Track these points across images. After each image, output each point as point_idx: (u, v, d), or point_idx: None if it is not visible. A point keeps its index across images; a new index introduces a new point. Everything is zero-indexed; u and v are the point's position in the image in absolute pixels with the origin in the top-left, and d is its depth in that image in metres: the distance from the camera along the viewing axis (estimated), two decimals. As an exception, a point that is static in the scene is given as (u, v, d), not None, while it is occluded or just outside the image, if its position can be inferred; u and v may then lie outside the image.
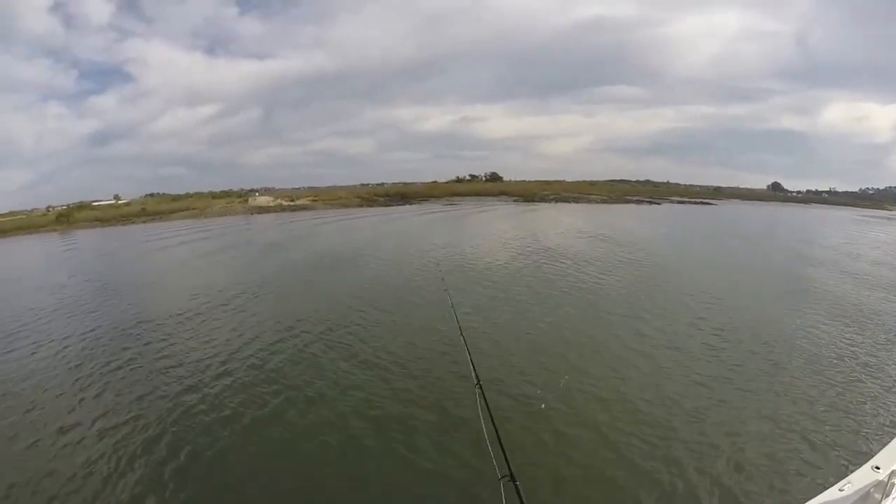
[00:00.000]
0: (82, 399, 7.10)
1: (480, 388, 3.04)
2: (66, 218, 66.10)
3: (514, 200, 56.35)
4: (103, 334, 10.16)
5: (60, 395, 7.31)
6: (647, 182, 71.64)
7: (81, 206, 75.43)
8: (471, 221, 37.28)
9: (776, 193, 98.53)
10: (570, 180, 64.77)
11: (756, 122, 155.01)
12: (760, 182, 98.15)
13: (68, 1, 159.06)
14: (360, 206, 52.09)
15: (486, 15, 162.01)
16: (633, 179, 71.00)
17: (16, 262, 27.89)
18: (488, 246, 21.08)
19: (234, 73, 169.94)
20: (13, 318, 12.07)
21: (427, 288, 12.52)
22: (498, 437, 2.47)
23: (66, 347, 9.44)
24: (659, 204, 70.00)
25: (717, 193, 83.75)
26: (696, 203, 74.28)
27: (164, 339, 9.50)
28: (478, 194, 56.77)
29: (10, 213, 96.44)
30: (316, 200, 53.54)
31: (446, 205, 53.39)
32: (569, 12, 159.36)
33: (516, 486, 2.08)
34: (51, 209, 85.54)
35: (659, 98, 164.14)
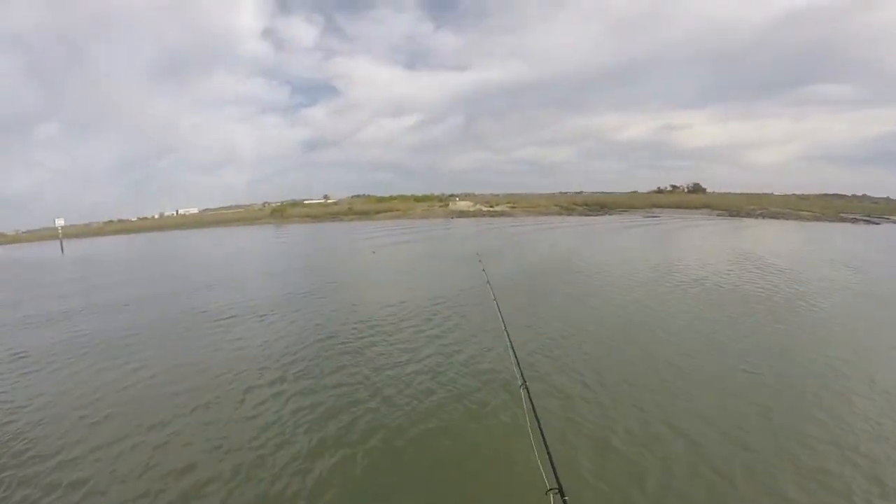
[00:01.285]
0: (284, 375, 7.16)
1: (526, 389, 2.72)
2: (280, 213, 78.83)
3: (718, 214, 53.49)
4: (315, 316, 10.72)
5: (264, 366, 7.60)
6: (865, 197, 62.56)
7: (294, 204, 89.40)
8: (672, 240, 32.64)
9: None
10: (777, 193, 59.22)
11: None
12: None
13: (278, 27, 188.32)
14: (559, 214, 53.72)
15: (679, 15, 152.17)
16: (849, 194, 62.50)
17: (242, 248, 34.80)
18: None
19: (434, 84, 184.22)
20: (248, 296, 13.63)
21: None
22: (546, 445, 2.26)
23: (282, 325, 10.11)
24: (878, 224, 61.19)
25: (952, 213, 69.68)
26: (924, 224, 63.18)
27: (368, 332, 9.32)
28: (679, 206, 54.91)
29: (233, 207, 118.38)
30: (515, 207, 56.48)
31: (646, 216, 52.66)
32: (770, 5, 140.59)
33: (564, 501, 1.92)
34: (266, 204, 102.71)
35: (877, 97, 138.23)
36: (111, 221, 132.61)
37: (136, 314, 12.12)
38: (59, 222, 52.26)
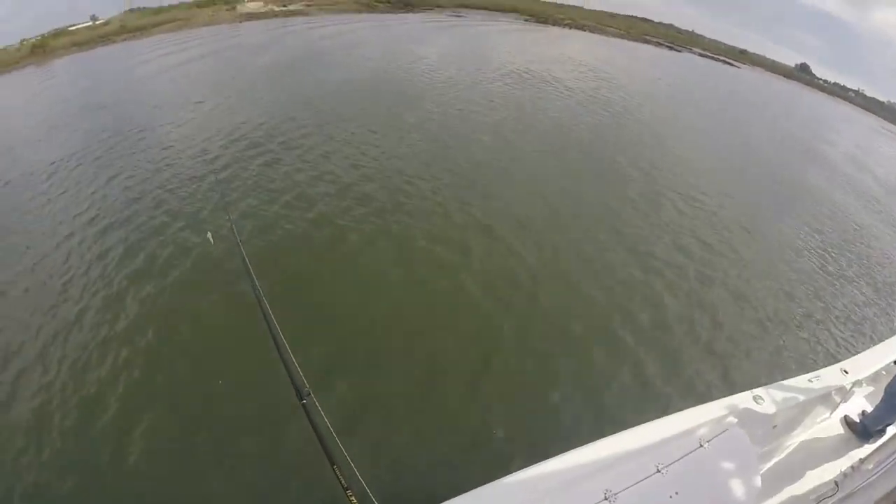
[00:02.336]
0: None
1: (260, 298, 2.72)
2: (42, 48, 61.26)
3: (525, 20, 51.98)
4: (94, 151, 10.38)
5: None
6: (671, 27, 66.06)
7: (57, 34, 70.00)
8: (469, 34, 33.64)
9: (802, 75, 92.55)
10: (588, 8, 59.48)
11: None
12: (790, 59, 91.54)
13: None
14: (359, 11, 47.92)
15: None
16: (657, 20, 65.38)
17: None
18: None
19: None
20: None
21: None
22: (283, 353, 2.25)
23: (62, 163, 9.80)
24: (679, 52, 65.56)
25: (742, 57, 78.19)
26: (718, 61, 69.61)
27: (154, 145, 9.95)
28: (486, 8, 52.18)
29: None
30: (310, 5, 49.14)
31: (451, 15, 49.38)
32: None
33: (303, 404, 2.03)
34: (25, 42, 79.71)
35: None
36: None
37: None
38: None
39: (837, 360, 3.08)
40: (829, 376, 2.80)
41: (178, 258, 6.16)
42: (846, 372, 2.86)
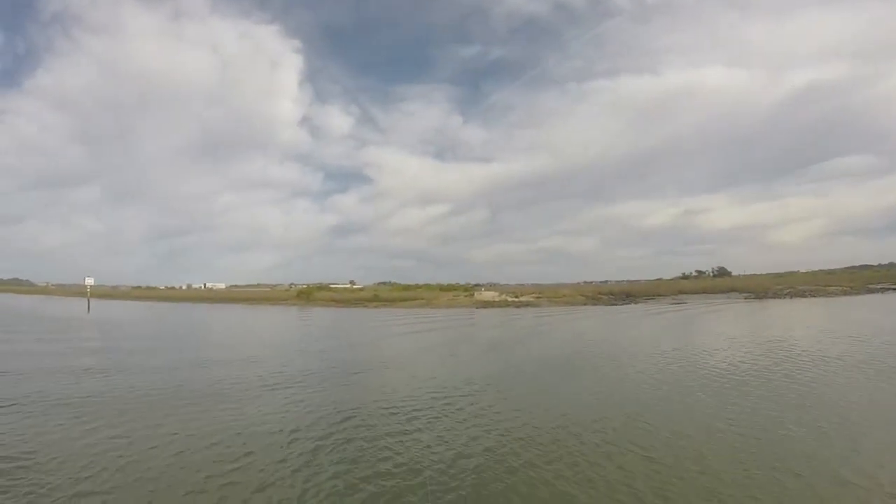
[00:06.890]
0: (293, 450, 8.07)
1: None
2: (306, 295, 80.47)
3: (745, 297, 53.63)
4: (332, 408, 10.78)
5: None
6: (892, 265, 62.03)
7: (320, 287, 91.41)
8: (698, 321, 32.52)
9: None
10: (803, 271, 59.37)
11: None
12: None
13: (314, 115, 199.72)
14: (584, 304, 54.31)
15: (694, 102, 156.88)
16: (876, 264, 62.08)
17: (270, 326, 37.92)
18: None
19: (461, 176, 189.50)
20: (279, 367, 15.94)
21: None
22: None
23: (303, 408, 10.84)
24: (909, 289, 60.56)
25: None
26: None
27: (382, 422, 9.68)
28: (705, 291, 55.32)
29: (259, 286, 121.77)
30: (540, 297, 57.40)
31: (672, 303, 52.99)
32: (778, 84, 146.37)
33: None
34: (293, 286, 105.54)
35: (894, 163, 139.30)
36: (139, 287, 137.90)
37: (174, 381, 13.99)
38: (89, 281, 53.57)
39: None
40: None
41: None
42: None
